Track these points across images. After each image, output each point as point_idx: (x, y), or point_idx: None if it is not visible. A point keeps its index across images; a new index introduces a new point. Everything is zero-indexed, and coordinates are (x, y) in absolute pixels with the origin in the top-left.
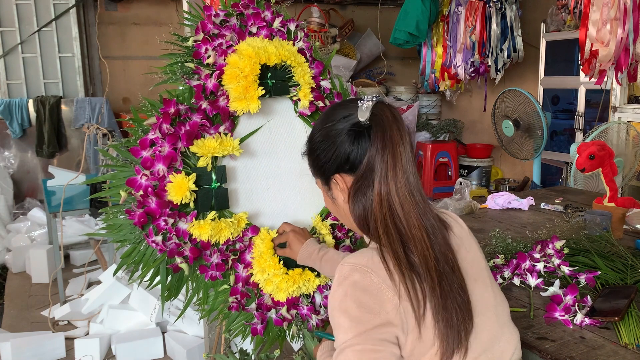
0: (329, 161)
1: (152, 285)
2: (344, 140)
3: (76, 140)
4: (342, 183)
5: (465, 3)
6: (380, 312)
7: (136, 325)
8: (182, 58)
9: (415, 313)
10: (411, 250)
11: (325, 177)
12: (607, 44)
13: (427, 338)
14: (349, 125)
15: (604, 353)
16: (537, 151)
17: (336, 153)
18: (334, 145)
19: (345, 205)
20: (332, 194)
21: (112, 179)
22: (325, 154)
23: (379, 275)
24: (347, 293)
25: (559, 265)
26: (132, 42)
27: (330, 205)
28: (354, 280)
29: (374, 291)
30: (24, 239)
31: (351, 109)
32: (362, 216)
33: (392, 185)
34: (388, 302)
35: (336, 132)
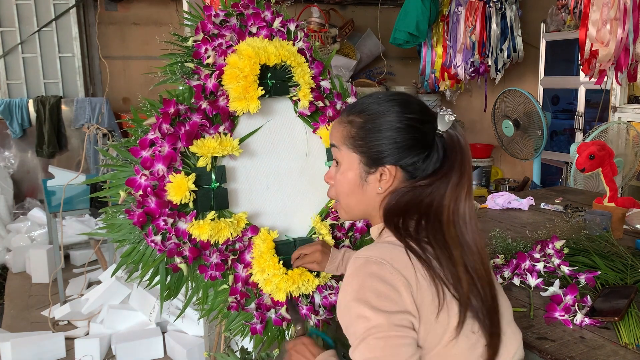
0: (398, 150)
1: (151, 285)
2: (424, 141)
3: (76, 140)
4: (393, 174)
5: (465, 3)
6: (399, 301)
7: (136, 325)
8: (182, 58)
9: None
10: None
11: (377, 162)
12: (607, 44)
13: (443, 324)
14: (430, 128)
15: (604, 353)
16: (537, 151)
17: (410, 148)
18: (411, 139)
19: (375, 194)
20: (367, 177)
21: (111, 179)
22: (395, 141)
23: (394, 267)
24: (364, 284)
25: (559, 265)
26: (132, 42)
27: (349, 185)
28: (370, 271)
29: (390, 281)
30: (24, 239)
31: (428, 113)
32: (396, 210)
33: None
34: (405, 291)
35: (418, 129)
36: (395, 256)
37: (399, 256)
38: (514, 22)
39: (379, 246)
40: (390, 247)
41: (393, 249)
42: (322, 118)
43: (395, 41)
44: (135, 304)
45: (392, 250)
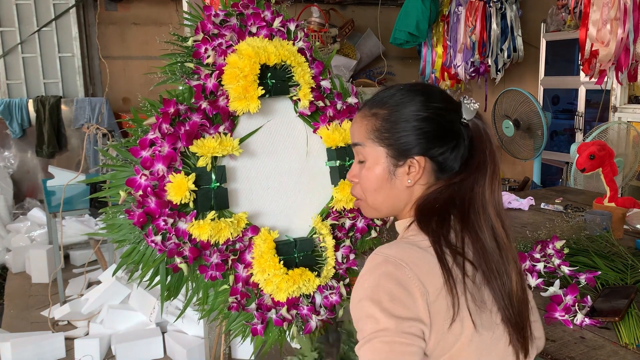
0: (427, 141)
1: (151, 285)
2: (452, 130)
3: (76, 140)
4: (422, 166)
5: (465, 3)
6: (412, 307)
7: (136, 325)
8: (182, 58)
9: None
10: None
11: (406, 154)
12: (607, 44)
13: (455, 334)
14: (456, 117)
15: (604, 353)
16: (537, 151)
17: (438, 138)
18: (441, 131)
19: (404, 188)
20: (396, 171)
21: (111, 179)
22: (423, 131)
23: (414, 271)
24: (379, 283)
25: (559, 265)
26: (132, 42)
27: (378, 179)
28: (387, 271)
29: (407, 285)
30: (24, 239)
31: (452, 101)
32: (428, 206)
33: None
34: (420, 298)
35: (444, 119)
36: (417, 259)
37: (422, 259)
38: (514, 22)
39: (402, 245)
40: (414, 249)
41: (416, 251)
42: (322, 118)
43: (395, 41)
44: (135, 304)
45: (415, 252)
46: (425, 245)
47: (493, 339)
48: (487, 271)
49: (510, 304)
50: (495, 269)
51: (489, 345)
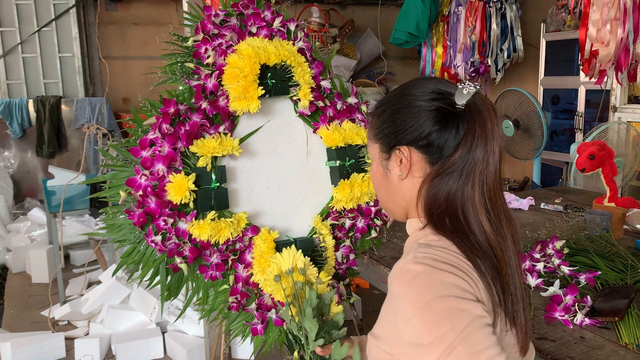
0: (404, 130)
1: (151, 285)
2: (430, 116)
3: (76, 140)
4: (408, 158)
5: (465, 3)
6: (464, 306)
7: (136, 325)
8: (182, 58)
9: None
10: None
11: (390, 145)
12: (607, 44)
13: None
14: (442, 103)
15: (604, 353)
16: (537, 151)
17: (416, 125)
18: (416, 118)
19: (398, 181)
20: (388, 165)
21: (111, 179)
22: (401, 121)
23: (450, 271)
24: (444, 280)
25: (559, 265)
26: (132, 42)
27: (377, 176)
28: (444, 267)
29: (447, 285)
30: (24, 239)
31: (446, 87)
32: (434, 204)
33: (490, 181)
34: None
35: (422, 105)
36: (456, 262)
37: (459, 263)
38: (514, 22)
39: (435, 252)
40: (448, 254)
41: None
42: (322, 118)
43: (395, 41)
44: (135, 304)
45: (450, 255)
46: (454, 249)
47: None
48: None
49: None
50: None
51: (510, 343)
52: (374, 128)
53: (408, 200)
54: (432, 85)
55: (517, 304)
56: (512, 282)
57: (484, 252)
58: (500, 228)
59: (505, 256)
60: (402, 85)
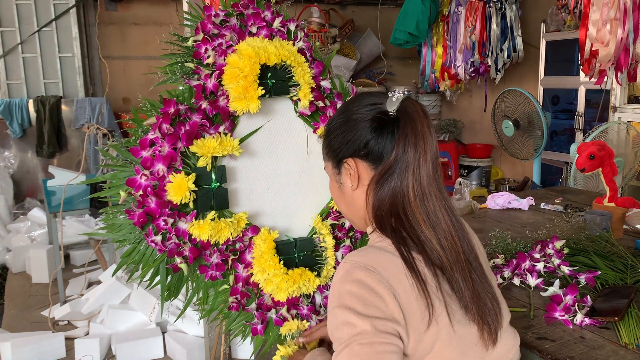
0: (346, 144)
1: (151, 285)
2: (366, 126)
3: (76, 140)
4: (354, 168)
5: (465, 3)
6: (385, 309)
7: (136, 325)
8: (182, 58)
9: (429, 310)
10: (434, 244)
11: (337, 160)
12: (607, 44)
13: (433, 335)
14: (374, 112)
15: (604, 353)
16: (537, 151)
17: (355, 137)
18: (355, 130)
19: (352, 193)
20: (340, 179)
21: (112, 179)
22: (343, 136)
23: (382, 275)
24: (351, 291)
25: (559, 265)
26: (132, 42)
27: (335, 191)
28: (357, 278)
29: (376, 289)
30: (24, 239)
31: (379, 98)
32: (379, 207)
33: (423, 179)
34: (391, 301)
35: (359, 117)
36: (385, 263)
37: (389, 263)
38: (514, 22)
39: (368, 251)
40: (380, 253)
41: (383, 255)
42: (322, 118)
43: (395, 41)
44: (135, 304)
45: (381, 256)
46: (391, 249)
47: (472, 334)
48: (450, 262)
49: (473, 294)
50: (444, 266)
51: (470, 340)
52: (325, 148)
53: (364, 209)
54: (367, 99)
55: (474, 296)
56: (461, 277)
57: (422, 247)
58: (439, 225)
59: (448, 251)
60: (343, 104)
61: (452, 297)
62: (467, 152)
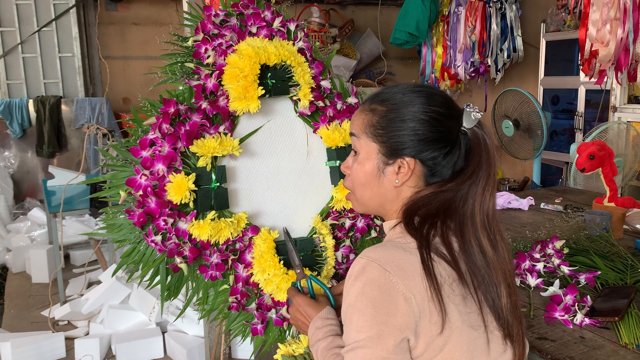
0: (417, 143)
1: (151, 285)
2: (444, 136)
3: (76, 140)
4: (412, 168)
5: (465, 3)
6: (396, 315)
7: (136, 325)
8: (182, 58)
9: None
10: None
11: (397, 153)
12: (607, 44)
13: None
14: (454, 123)
15: (604, 353)
16: (537, 151)
17: (429, 142)
18: (430, 133)
19: (392, 187)
20: (385, 169)
21: (111, 179)
22: (414, 134)
23: (397, 274)
24: (364, 291)
25: (559, 265)
26: (132, 42)
27: (369, 176)
28: (370, 278)
29: (390, 291)
30: (24, 239)
31: (453, 108)
32: (417, 208)
33: (489, 209)
34: (404, 303)
35: (442, 123)
36: (402, 262)
37: (406, 262)
38: (514, 22)
39: (387, 247)
40: (399, 251)
41: (402, 254)
42: (322, 118)
43: (395, 41)
44: (135, 304)
45: (400, 254)
46: (411, 247)
47: (482, 340)
48: (475, 280)
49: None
50: (483, 279)
51: (479, 345)
52: (377, 127)
53: (391, 204)
54: (446, 100)
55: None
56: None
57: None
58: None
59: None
60: (411, 89)
61: (467, 300)
62: None
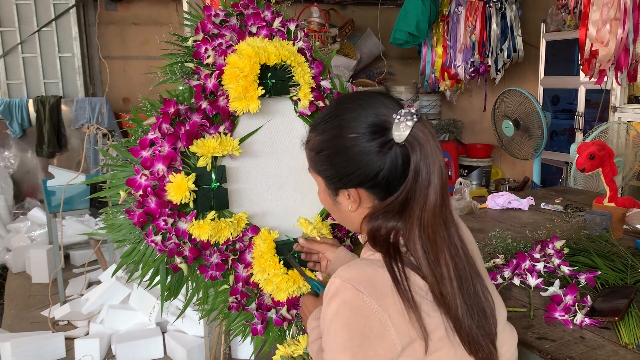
0: (349, 175)
1: (151, 285)
2: (373, 160)
3: (76, 140)
4: (356, 197)
5: (465, 3)
6: (370, 337)
7: (136, 325)
8: (182, 58)
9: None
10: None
11: (336, 187)
12: (607, 44)
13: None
14: (380, 144)
15: (604, 353)
16: (537, 151)
17: (361, 171)
18: (360, 162)
19: (350, 213)
20: (336, 199)
21: (111, 179)
22: (343, 167)
23: (372, 295)
24: (339, 312)
25: (559, 265)
26: (132, 42)
27: (326, 202)
28: (344, 299)
29: (364, 313)
30: (24, 239)
31: (385, 114)
32: (377, 229)
33: (430, 213)
34: (378, 326)
35: (362, 149)
36: (375, 280)
37: (380, 279)
38: (514, 22)
39: (360, 266)
40: (372, 268)
41: (375, 271)
42: None
43: (395, 41)
44: (135, 304)
45: (373, 271)
46: (383, 264)
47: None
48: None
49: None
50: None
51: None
52: (314, 162)
53: (359, 223)
54: (370, 118)
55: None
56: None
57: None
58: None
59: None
60: (337, 116)
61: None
62: (467, 152)
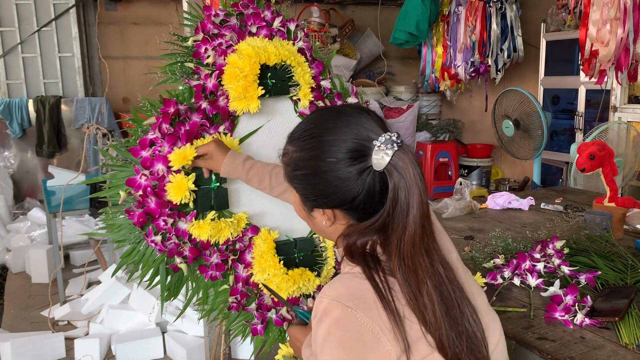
0: (325, 197)
1: (151, 285)
2: (350, 186)
3: (76, 140)
4: (332, 215)
5: (465, 3)
6: (365, 351)
7: (136, 325)
8: (182, 58)
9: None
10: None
11: (311, 204)
12: (607, 44)
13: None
14: (358, 170)
15: (604, 353)
16: (537, 151)
17: (337, 195)
18: (337, 188)
19: (325, 227)
20: (311, 214)
21: (111, 179)
22: (320, 189)
23: (360, 308)
24: (330, 331)
25: (559, 265)
26: (132, 42)
27: (302, 215)
28: (334, 318)
29: (356, 328)
30: (24, 239)
31: (365, 137)
32: (354, 245)
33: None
34: (372, 339)
35: (340, 175)
36: (361, 292)
37: (366, 291)
38: (514, 22)
39: (343, 281)
40: (356, 281)
41: (359, 283)
42: None
43: (395, 41)
44: (135, 304)
45: (358, 284)
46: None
47: None
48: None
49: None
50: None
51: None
52: (289, 177)
53: (334, 236)
54: (349, 143)
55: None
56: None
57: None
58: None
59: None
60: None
61: None
62: (467, 152)
